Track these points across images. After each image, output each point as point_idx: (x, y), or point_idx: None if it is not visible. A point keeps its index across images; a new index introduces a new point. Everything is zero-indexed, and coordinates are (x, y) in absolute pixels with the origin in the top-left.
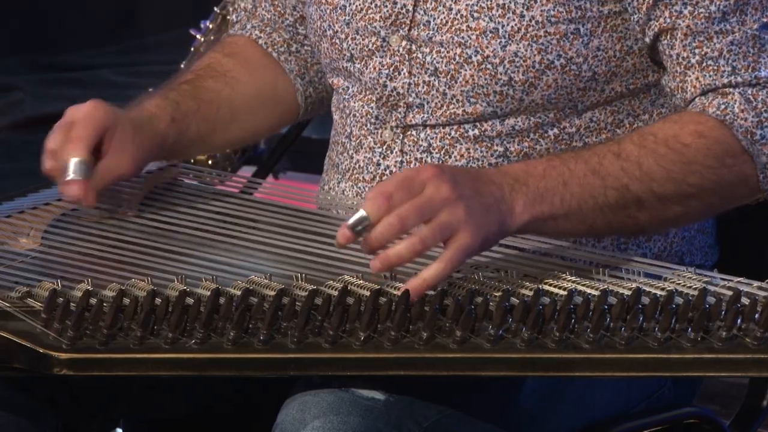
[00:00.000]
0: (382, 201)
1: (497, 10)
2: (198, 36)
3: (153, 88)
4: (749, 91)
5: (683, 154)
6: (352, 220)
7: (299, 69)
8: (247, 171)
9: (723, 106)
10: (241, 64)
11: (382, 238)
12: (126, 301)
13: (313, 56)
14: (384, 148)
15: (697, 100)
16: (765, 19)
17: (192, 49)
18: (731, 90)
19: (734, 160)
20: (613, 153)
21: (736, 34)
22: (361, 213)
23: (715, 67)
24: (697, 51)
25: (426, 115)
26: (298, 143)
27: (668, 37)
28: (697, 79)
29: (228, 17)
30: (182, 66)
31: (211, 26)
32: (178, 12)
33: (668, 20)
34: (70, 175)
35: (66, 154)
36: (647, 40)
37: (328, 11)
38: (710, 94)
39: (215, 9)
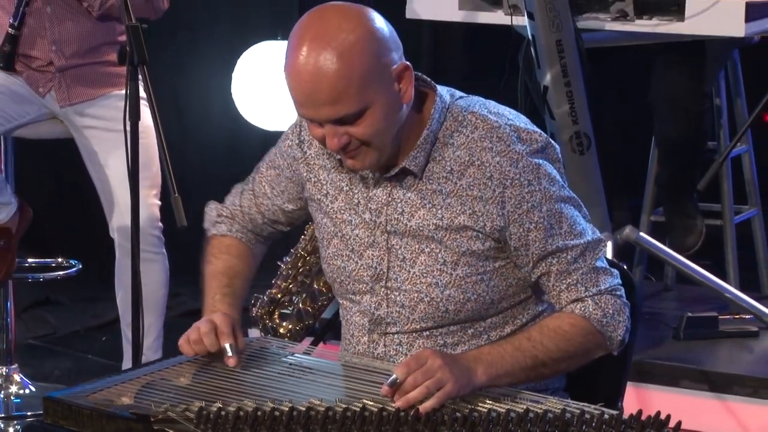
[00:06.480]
0: (404, 369)
1: (437, 272)
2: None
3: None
4: (596, 298)
5: (564, 336)
6: (389, 381)
7: (260, 244)
8: (307, 340)
9: (583, 309)
10: (240, 258)
11: (406, 389)
12: (241, 413)
13: (263, 231)
14: (372, 342)
15: (567, 306)
16: (596, 257)
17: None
18: (587, 298)
19: (593, 336)
20: (526, 338)
21: (583, 268)
22: (394, 376)
23: (575, 289)
24: (564, 282)
25: (398, 328)
26: (337, 325)
27: (546, 276)
28: (566, 297)
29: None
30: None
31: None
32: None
33: (545, 268)
34: (232, 354)
35: (222, 342)
36: (532, 279)
37: (336, 268)
38: (575, 303)
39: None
